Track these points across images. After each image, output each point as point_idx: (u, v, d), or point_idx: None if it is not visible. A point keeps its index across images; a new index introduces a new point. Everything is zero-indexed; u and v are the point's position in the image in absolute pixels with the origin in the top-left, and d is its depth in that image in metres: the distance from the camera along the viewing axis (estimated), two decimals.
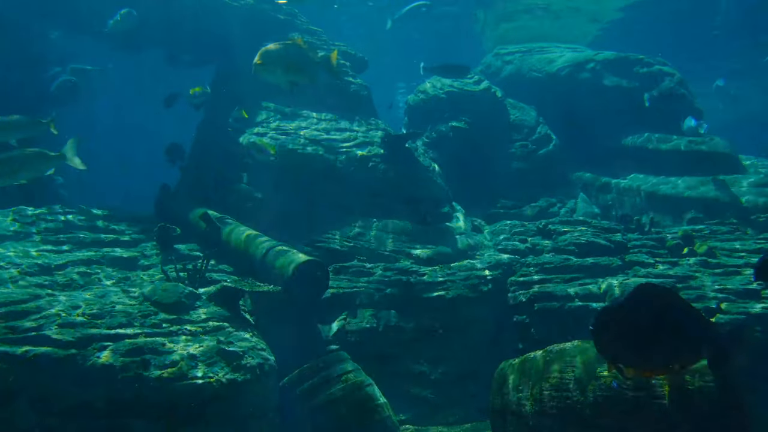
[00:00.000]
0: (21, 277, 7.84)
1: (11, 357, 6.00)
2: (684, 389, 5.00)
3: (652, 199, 12.53)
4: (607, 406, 5.21)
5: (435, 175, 12.01)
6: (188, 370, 6.36)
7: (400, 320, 9.12)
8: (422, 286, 9.37)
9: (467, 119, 13.97)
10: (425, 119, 14.36)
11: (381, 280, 9.45)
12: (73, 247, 9.07)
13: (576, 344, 5.84)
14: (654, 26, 20.65)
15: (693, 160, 12.60)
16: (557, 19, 21.12)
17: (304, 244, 9.98)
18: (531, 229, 11.53)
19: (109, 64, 19.42)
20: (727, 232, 10.39)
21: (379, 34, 21.40)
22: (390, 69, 24.20)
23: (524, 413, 5.77)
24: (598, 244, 10.08)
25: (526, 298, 8.92)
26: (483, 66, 17.44)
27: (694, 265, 9.06)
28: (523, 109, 14.67)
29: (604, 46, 17.60)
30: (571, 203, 13.52)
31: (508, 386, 6.07)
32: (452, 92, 14.22)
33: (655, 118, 13.68)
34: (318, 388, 7.54)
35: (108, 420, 6.06)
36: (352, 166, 11.14)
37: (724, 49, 21.53)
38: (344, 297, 9.23)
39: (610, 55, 15.05)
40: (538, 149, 14.06)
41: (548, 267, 9.45)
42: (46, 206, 10.01)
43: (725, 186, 11.75)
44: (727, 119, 23.25)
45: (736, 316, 7.66)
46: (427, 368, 9.02)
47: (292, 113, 12.10)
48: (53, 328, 6.40)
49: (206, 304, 7.71)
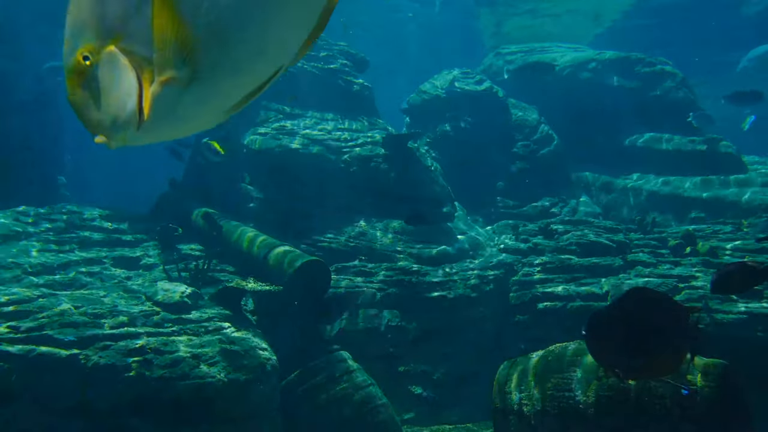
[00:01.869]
0: (23, 276, 7.85)
1: (13, 356, 6.01)
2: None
3: (654, 199, 12.52)
4: (610, 406, 5.21)
5: (437, 174, 12.00)
6: (190, 369, 6.37)
7: (401, 320, 9.13)
8: (424, 286, 9.37)
9: (469, 119, 13.96)
10: (427, 119, 14.36)
11: (383, 280, 9.45)
12: (75, 246, 9.08)
13: (578, 344, 5.83)
14: (661, 21, 20.50)
15: (695, 160, 12.60)
16: (559, 18, 21.10)
17: (305, 243, 9.99)
18: (533, 228, 11.52)
19: None
20: (729, 232, 10.39)
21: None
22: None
23: (526, 413, 5.77)
24: (599, 243, 10.07)
25: (528, 297, 8.92)
26: (484, 66, 17.43)
27: (696, 265, 9.05)
28: (525, 109, 14.66)
29: (606, 46, 17.58)
30: (573, 203, 13.51)
31: (510, 386, 6.07)
32: (454, 92, 14.22)
33: (657, 118, 13.68)
34: (320, 388, 7.54)
35: (110, 420, 6.07)
36: (353, 166, 11.14)
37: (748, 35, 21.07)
38: (346, 297, 9.23)
39: (612, 54, 15.04)
40: (540, 149, 14.05)
41: (550, 267, 9.44)
42: (48, 206, 10.03)
43: (727, 186, 11.74)
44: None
45: (737, 316, 7.67)
46: (429, 368, 9.02)
47: (294, 113, 12.10)
48: (55, 327, 6.41)
49: (208, 303, 7.72)
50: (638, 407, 5.09)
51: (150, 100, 1.52)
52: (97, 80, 1.54)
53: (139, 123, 1.55)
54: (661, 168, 12.98)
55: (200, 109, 1.60)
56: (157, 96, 1.52)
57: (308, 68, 12.53)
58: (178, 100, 1.54)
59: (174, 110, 1.56)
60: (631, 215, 12.77)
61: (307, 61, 12.61)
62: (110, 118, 1.57)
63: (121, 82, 1.52)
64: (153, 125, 1.57)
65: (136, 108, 1.53)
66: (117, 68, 1.52)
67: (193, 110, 1.59)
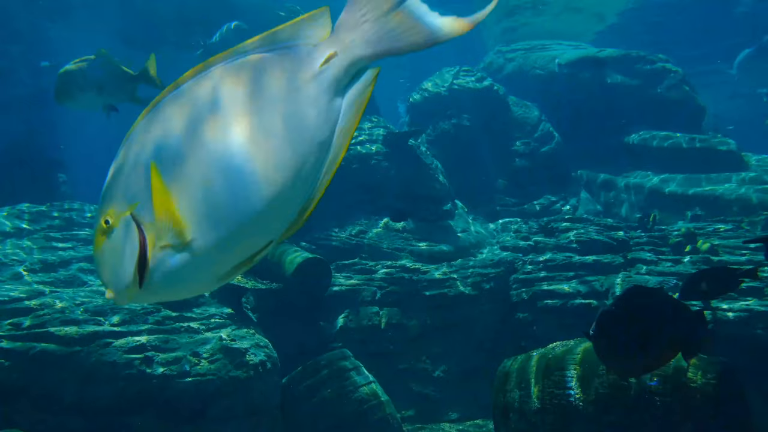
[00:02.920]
0: (24, 273, 7.86)
1: (14, 353, 6.02)
2: (686, 387, 5.00)
3: (654, 197, 12.52)
4: (610, 404, 5.21)
5: (437, 172, 12.00)
6: (191, 367, 6.38)
7: (402, 318, 9.13)
8: (424, 283, 9.38)
9: (469, 117, 13.95)
10: (428, 117, 14.34)
11: (383, 277, 9.46)
12: (76, 243, 9.09)
13: (578, 342, 5.84)
14: (662, 16, 20.48)
15: (696, 157, 12.60)
16: (560, 16, 21.08)
17: (305, 241, 10.00)
18: (533, 226, 11.52)
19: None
20: (730, 230, 10.39)
21: None
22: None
23: (526, 411, 5.78)
24: (600, 241, 10.07)
25: (528, 295, 8.93)
26: (485, 63, 17.42)
27: (697, 263, 9.05)
28: (526, 107, 14.65)
29: (607, 44, 17.56)
30: (574, 201, 13.52)
31: (511, 384, 6.07)
32: (454, 90, 14.20)
33: (658, 115, 13.67)
34: (320, 385, 7.56)
35: (111, 417, 6.08)
36: (354, 164, 11.14)
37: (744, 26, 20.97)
38: (346, 294, 9.23)
39: (613, 52, 15.02)
40: (541, 147, 14.05)
41: (550, 264, 9.45)
42: (48, 203, 10.03)
43: (727, 184, 11.75)
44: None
45: (738, 314, 7.67)
46: (430, 366, 9.03)
47: None
48: (56, 325, 6.42)
49: (209, 301, 7.73)
50: (638, 405, 5.10)
51: (149, 264, 1.76)
52: (112, 242, 1.80)
53: (141, 283, 1.78)
54: (662, 166, 12.98)
55: (193, 275, 1.81)
56: (155, 261, 1.76)
57: None
58: (173, 267, 1.77)
59: (170, 275, 1.78)
60: (631, 213, 12.78)
61: None
62: (117, 277, 1.80)
63: (129, 245, 1.77)
64: (152, 287, 1.80)
65: (135, 270, 1.76)
66: (128, 233, 1.78)
67: (187, 276, 1.80)
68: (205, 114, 1.75)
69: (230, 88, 1.77)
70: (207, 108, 1.76)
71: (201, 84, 1.79)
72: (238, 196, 1.72)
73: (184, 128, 1.75)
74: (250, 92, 1.76)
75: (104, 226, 1.81)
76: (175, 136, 1.75)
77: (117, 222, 1.79)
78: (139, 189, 1.76)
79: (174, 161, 1.73)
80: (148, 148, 1.77)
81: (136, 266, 1.76)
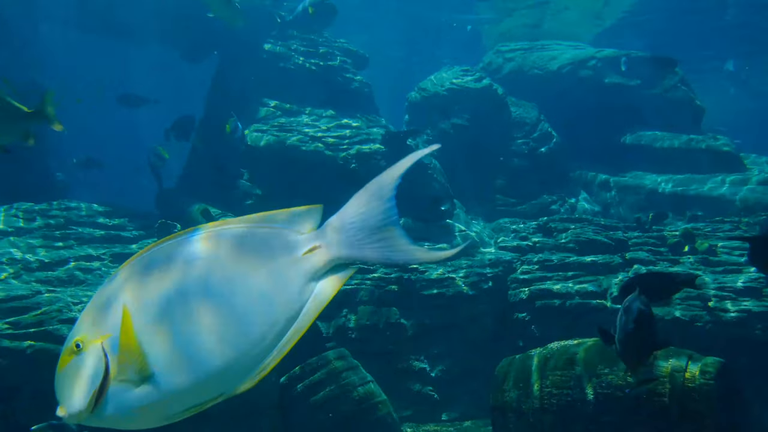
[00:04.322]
0: (22, 272, 7.84)
1: (12, 352, 6.01)
2: (685, 387, 5.00)
3: (653, 197, 12.54)
4: (609, 404, 5.22)
5: (436, 172, 12.00)
6: None
7: (400, 317, 9.13)
8: (423, 283, 9.37)
9: (468, 117, 13.94)
10: (426, 116, 14.33)
11: (381, 277, 9.45)
12: (74, 243, 9.08)
13: (576, 342, 5.85)
14: (660, 19, 20.57)
15: (694, 157, 12.62)
16: (559, 16, 21.09)
17: None
18: (531, 226, 11.52)
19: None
20: (729, 230, 10.40)
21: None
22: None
23: (525, 410, 5.78)
24: (598, 241, 10.08)
25: (527, 295, 8.93)
26: (484, 63, 17.40)
27: (695, 263, 9.06)
28: (524, 107, 14.64)
29: (606, 44, 17.57)
30: (572, 201, 13.52)
31: (509, 383, 6.08)
32: (453, 89, 14.19)
33: (657, 116, 13.68)
34: (318, 385, 7.55)
35: None
36: (353, 163, 11.13)
37: (734, 33, 21.09)
38: (344, 294, 9.23)
39: (612, 52, 15.03)
40: (539, 147, 14.04)
41: (549, 264, 9.45)
42: (46, 202, 10.01)
43: (725, 184, 11.76)
44: (749, 108, 22.72)
45: (736, 314, 7.68)
46: (428, 365, 9.03)
47: (294, 110, 12.09)
48: (54, 323, 6.41)
49: None
50: (637, 404, 5.10)
51: (106, 393, 1.91)
52: (78, 364, 1.95)
53: (93, 408, 1.92)
54: (661, 166, 13.00)
55: (144, 412, 1.94)
56: (113, 392, 1.91)
57: (307, 65, 12.50)
58: (126, 401, 1.91)
59: (122, 408, 1.92)
60: (630, 213, 12.79)
61: (306, 58, 12.59)
62: (73, 398, 1.95)
63: (93, 372, 1.91)
64: (102, 415, 1.94)
65: (92, 396, 1.91)
66: (95, 360, 1.92)
67: (137, 412, 1.93)
68: (187, 275, 1.92)
69: (216, 251, 1.95)
70: (189, 271, 1.93)
71: (192, 244, 1.96)
72: (202, 353, 1.89)
73: (162, 284, 1.92)
74: (235, 258, 1.95)
75: (74, 348, 1.95)
76: (152, 288, 1.92)
77: (87, 347, 1.93)
78: (114, 324, 1.90)
79: (147, 311, 1.90)
80: (127, 292, 1.93)
81: (95, 393, 1.90)
